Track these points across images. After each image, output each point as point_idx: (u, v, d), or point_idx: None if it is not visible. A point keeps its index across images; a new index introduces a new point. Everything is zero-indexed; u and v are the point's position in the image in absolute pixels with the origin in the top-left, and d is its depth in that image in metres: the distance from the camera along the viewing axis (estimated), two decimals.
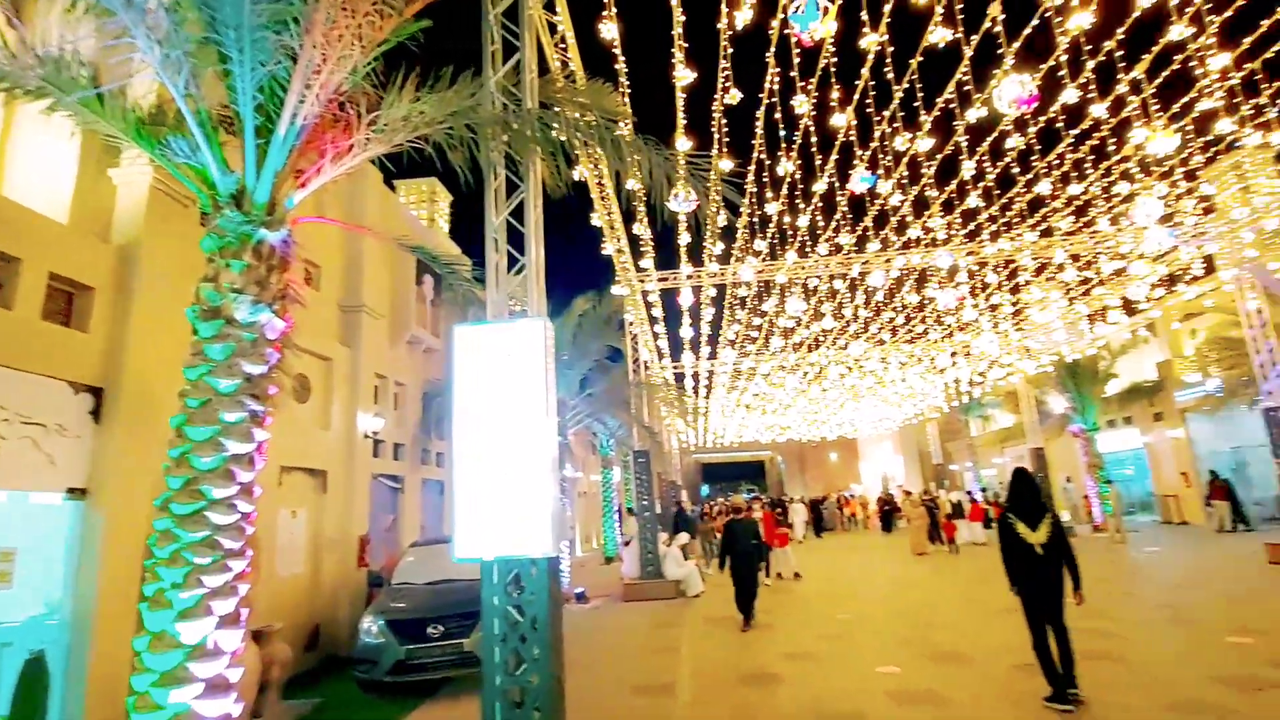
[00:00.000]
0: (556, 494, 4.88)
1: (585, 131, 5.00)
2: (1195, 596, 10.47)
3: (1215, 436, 22.23)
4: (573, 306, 14.89)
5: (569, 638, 9.54)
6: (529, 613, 4.79)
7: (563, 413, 14.74)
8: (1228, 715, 5.26)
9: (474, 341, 4.96)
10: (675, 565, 14.38)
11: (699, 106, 7.80)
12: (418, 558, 9.45)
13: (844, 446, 54.34)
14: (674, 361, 22.46)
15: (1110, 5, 7.02)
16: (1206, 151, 10.81)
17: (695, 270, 14.48)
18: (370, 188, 12.62)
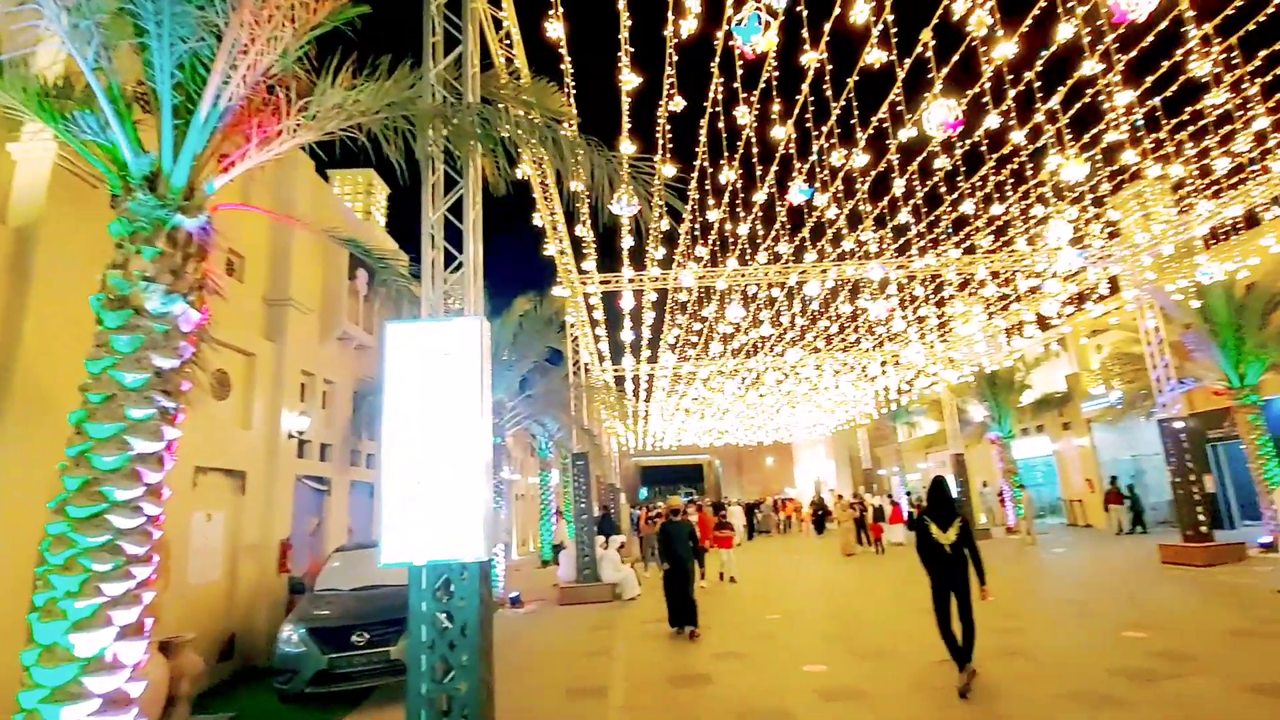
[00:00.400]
0: (490, 497, 4.80)
1: (528, 129, 4.96)
2: (1096, 594, 11.23)
3: (1117, 445, 23.94)
4: (513, 306, 14.71)
5: (502, 642, 9.39)
6: (459, 618, 4.69)
7: (501, 414, 14.52)
8: (1123, 704, 5.66)
9: (407, 339, 4.82)
10: (612, 569, 14.38)
11: (644, 112, 7.96)
12: (343, 563, 9.10)
13: (779, 451, 55.70)
14: (615, 364, 22.48)
15: (1030, 40, 7.50)
16: (1113, 180, 11.67)
17: (637, 274, 14.53)
18: (301, 177, 12.10)
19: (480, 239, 5.33)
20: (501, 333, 14.48)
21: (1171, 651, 7.11)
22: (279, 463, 10.86)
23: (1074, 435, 25.79)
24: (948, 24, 7.11)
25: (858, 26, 6.52)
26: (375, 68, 4.94)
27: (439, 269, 5.25)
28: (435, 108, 4.85)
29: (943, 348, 23.13)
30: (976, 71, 7.79)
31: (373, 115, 4.76)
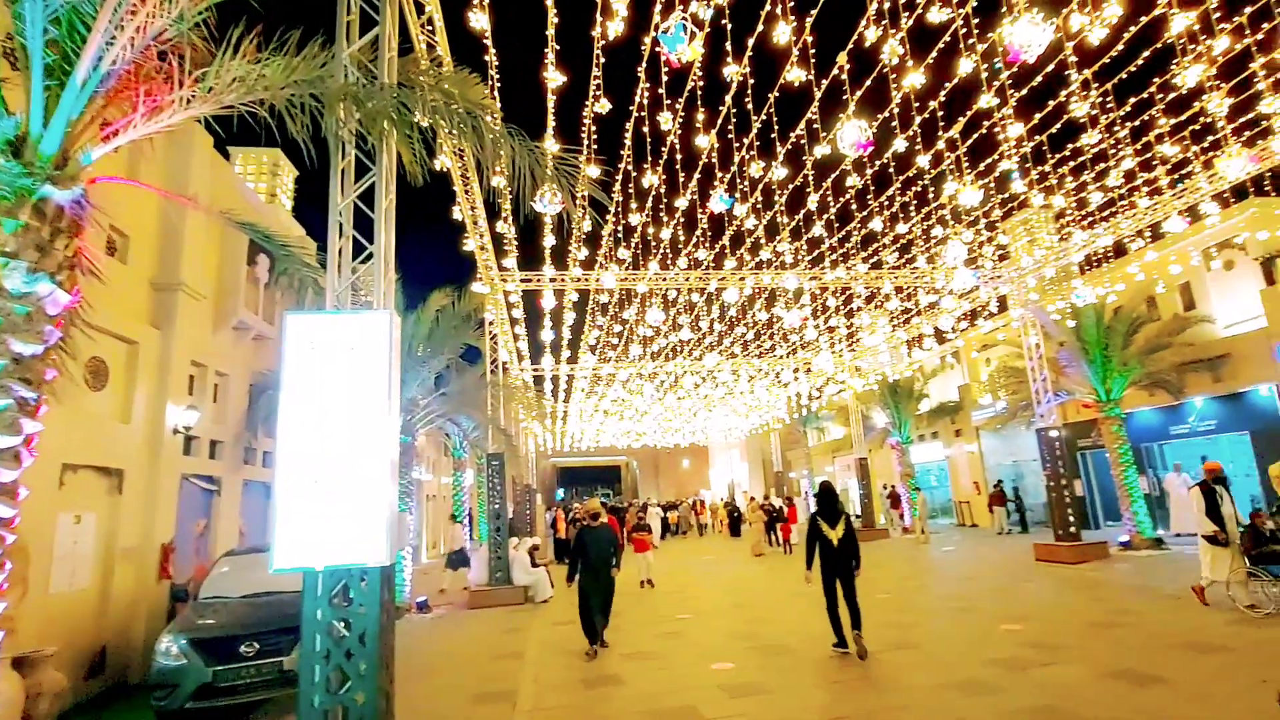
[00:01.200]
0: (395, 498, 4.62)
1: (448, 118, 4.81)
2: (978, 590, 12.09)
3: (1001, 451, 25.95)
4: (429, 301, 14.25)
5: (408, 649, 9.08)
6: (357, 626, 4.48)
7: (413, 412, 14.02)
8: (998, 691, 6.12)
9: (309, 331, 4.55)
10: (524, 571, 14.17)
11: (569, 111, 7.92)
12: (233, 568, 8.50)
13: (696, 453, 56.76)
14: (534, 364, 22.20)
15: (935, 71, 8.02)
16: (1003, 207, 12.67)
17: (559, 273, 14.42)
18: (198, 152, 11.26)
19: (393, 229, 5.12)
20: (416, 328, 14.00)
21: (1042, 642, 7.76)
22: (162, 460, 10.04)
23: (964, 441, 27.73)
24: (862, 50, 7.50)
25: (779, 45, 6.76)
26: (284, 42, 4.67)
27: (347, 258, 5.00)
28: (347, 88, 4.62)
29: (850, 357, 24.31)
30: (886, 97, 8.26)
31: (278, 91, 4.49)
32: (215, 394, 11.95)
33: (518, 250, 13.28)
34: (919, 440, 29.13)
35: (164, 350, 10.33)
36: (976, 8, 7.38)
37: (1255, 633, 7.53)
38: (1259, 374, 16.87)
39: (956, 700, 5.94)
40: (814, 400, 29.93)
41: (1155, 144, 10.73)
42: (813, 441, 40.65)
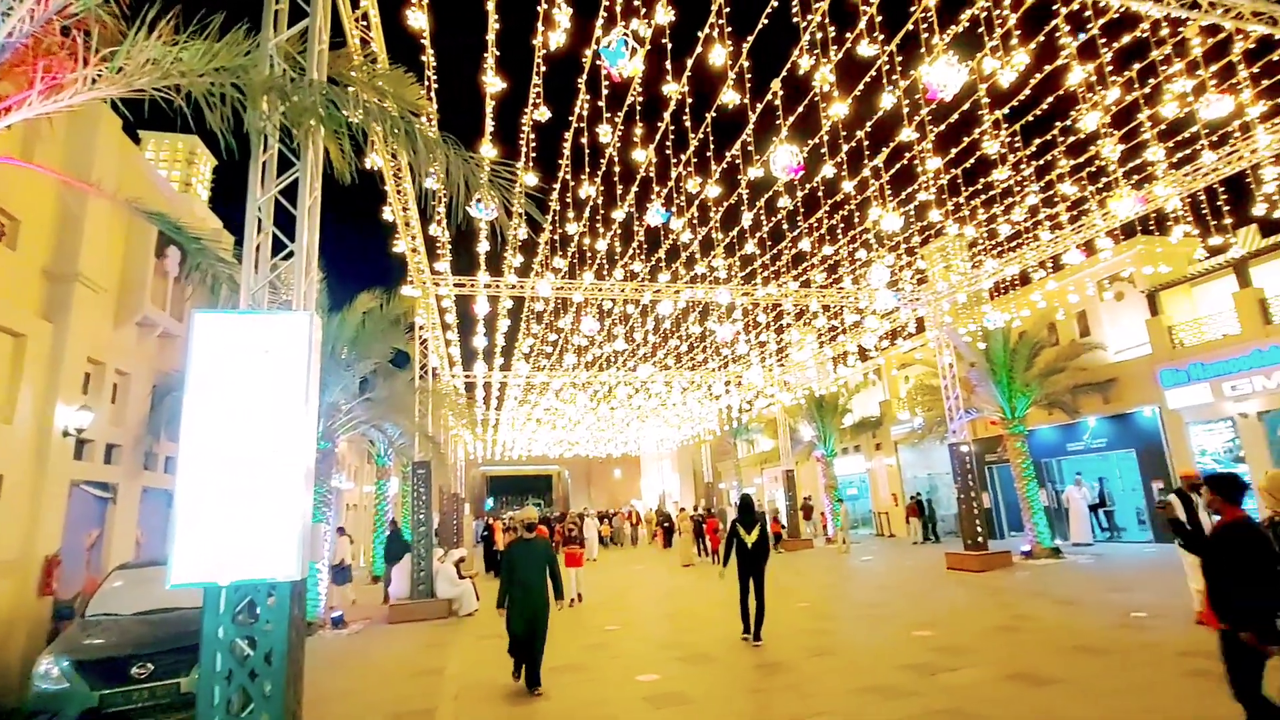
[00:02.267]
0: (309, 508, 4.41)
1: (381, 119, 4.69)
2: (893, 597, 12.62)
3: (917, 464, 27.25)
4: (356, 302, 13.74)
5: (321, 667, 8.66)
6: (263, 644, 4.24)
7: (334, 417, 13.45)
8: (909, 695, 6.40)
9: (220, 331, 4.30)
10: (448, 584, 13.77)
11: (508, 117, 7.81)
12: (127, 582, 7.87)
13: (628, 463, 56.86)
14: (466, 370, 21.72)
15: (858, 103, 8.45)
16: (922, 234, 13.41)
17: (493, 279, 14.22)
18: (104, 135, 10.51)
19: (316, 227, 4.92)
20: (341, 330, 13.46)
21: (950, 647, 8.16)
22: (49, 465, 9.24)
23: (884, 455, 28.97)
24: (795, 78, 7.81)
25: (716, 68, 6.96)
26: (205, 26, 4.44)
27: (265, 256, 4.76)
28: (272, 80, 4.43)
29: (780, 371, 25.02)
30: (817, 124, 8.63)
31: (196, 78, 4.26)
32: (114, 394, 11.11)
33: (451, 254, 13.04)
34: (842, 453, 30.22)
35: (56, 345, 9.53)
36: (899, 46, 7.84)
37: (1138, 635, 8.18)
38: (1144, 397, 18.46)
39: (871, 704, 6.18)
40: (744, 413, 30.59)
41: (1056, 182, 11.64)
42: (742, 453, 41.48)
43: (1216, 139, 11.10)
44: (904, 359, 26.81)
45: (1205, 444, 17.41)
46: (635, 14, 6.40)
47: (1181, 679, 6.32)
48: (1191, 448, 17.55)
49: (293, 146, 4.89)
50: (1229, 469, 16.78)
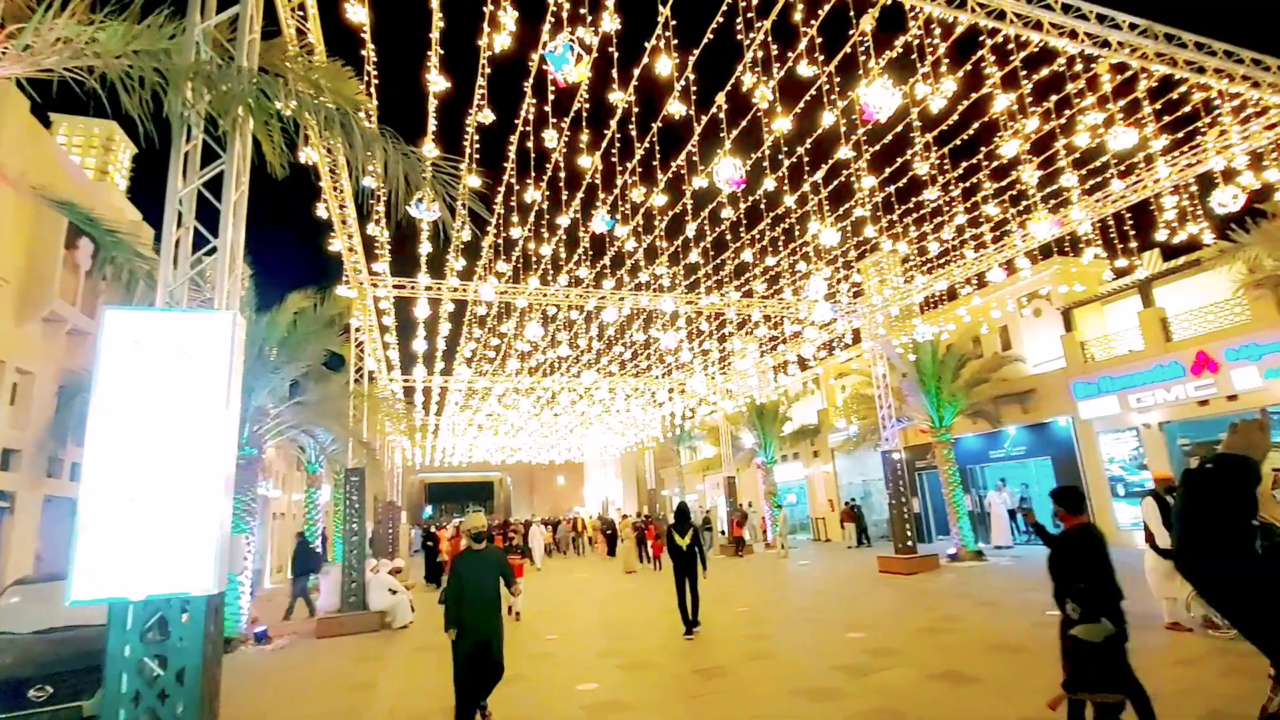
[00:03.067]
0: (228, 518, 4.19)
1: (315, 112, 4.53)
2: (828, 600, 12.95)
3: (853, 471, 28.12)
4: (286, 302, 13.17)
5: (241, 685, 8.22)
6: (175, 663, 3.98)
7: (261, 422, 12.83)
8: (841, 696, 6.57)
9: (134, 329, 4.03)
10: (382, 595, 13.31)
11: (451, 119, 7.71)
12: (24, 598, 7.28)
13: (571, 470, 56.48)
14: (405, 375, 21.13)
15: (799, 120, 8.71)
16: (859, 249, 13.90)
17: (434, 282, 13.91)
18: (9, 117, 9.77)
19: (243, 223, 4.70)
20: (270, 331, 12.87)
21: (880, 648, 8.43)
22: None
23: (821, 462, 29.77)
24: (738, 93, 7.98)
25: (662, 79, 7.04)
26: (125, 6, 4.19)
27: (185, 251, 4.50)
28: (198, 65, 4.22)
29: (722, 380, 25.40)
30: (759, 139, 8.85)
31: (113, 60, 4.02)
32: (14, 395, 10.29)
33: (390, 255, 12.69)
34: (782, 460, 30.86)
35: None
36: (838, 68, 8.14)
37: (1051, 634, 8.64)
38: (1059, 407, 19.64)
39: (805, 707, 6.31)
40: (687, 420, 30.87)
41: (981, 204, 12.29)
42: (685, 460, 41.82)
43: (1124, 168, 11.96)
44: (841, 369, 27.67)
45: (1113, 452, 18.65)
46: (581, 21, 6.42)
47: None
48: (1101, 455, 18.76)
49: (219, 136, 4.66)
50: (1134, 475, 18.04)
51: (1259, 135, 11.10)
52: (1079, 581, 4.40)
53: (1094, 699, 4.19)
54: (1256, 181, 11.31)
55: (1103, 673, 4.18)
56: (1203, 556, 1.28)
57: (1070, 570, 4.55)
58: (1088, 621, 4.19)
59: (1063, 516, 4.92)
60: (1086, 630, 4.18)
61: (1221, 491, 1.33)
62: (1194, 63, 9.23)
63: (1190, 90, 9.79)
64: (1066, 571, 4.59)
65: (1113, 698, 4.13)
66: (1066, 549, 4.67)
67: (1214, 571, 1.27)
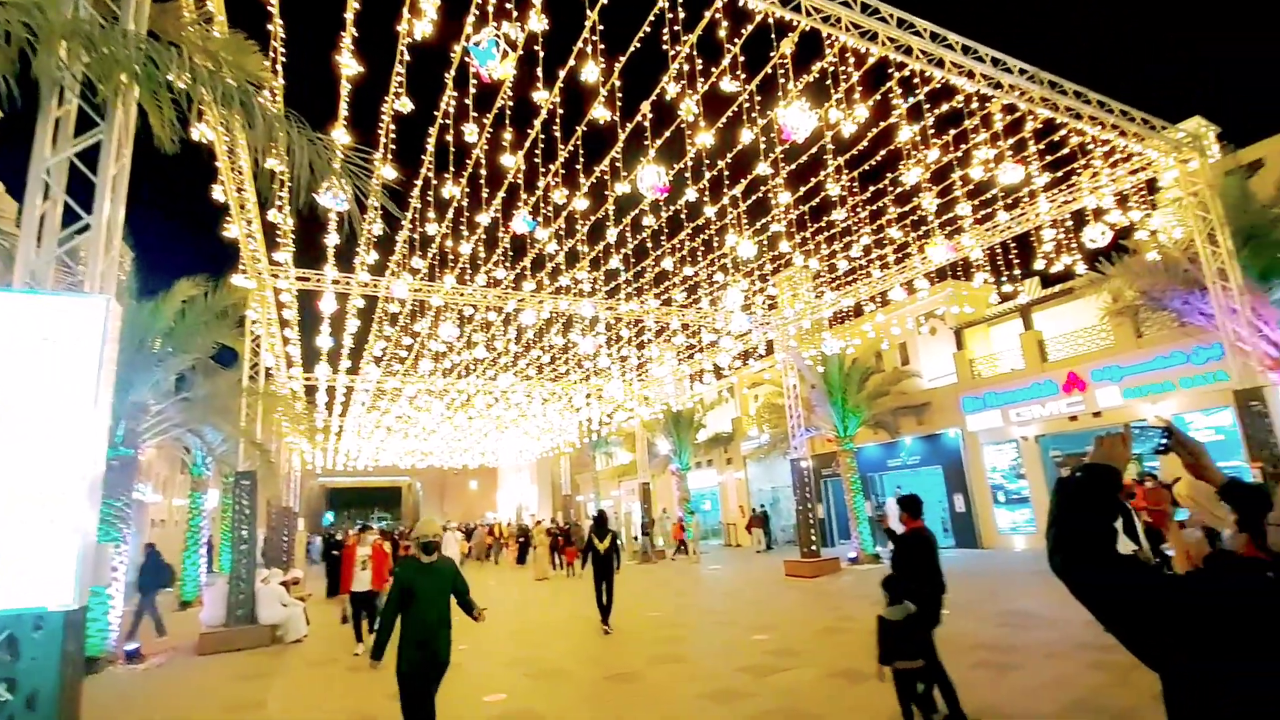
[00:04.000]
0: (93, 525, 3.79)
1: (212, 87, 4.20)
2: (736, 603, 13.26)
3: (763, 478, 29.01)
4: (174, 290, 12.14)
5: (108, 710, 7.48)
6: (25, 686, 3.55)
7: (141, 419, 11.75)
8: (746, 696, 6.73)
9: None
10: (274, 607, 12.44)
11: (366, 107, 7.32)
12: None
13: (484, 475, 55.11)
14: (306, 372, 19.94)
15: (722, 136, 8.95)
16: (774, 263, 14.40)
17: (342, 276, 13.23)
18: None
19: (123, 200, 4.29)
20: (154, 320, 11.81)
21: (784, 649, 8.71)
22: None
23: (734, 469, 30.54)
24: (663, 103, 8.10)
25: (589, 83, 7.03)
26: None
27: (52, 226, 4.05)
28: (76, 24, 3.82)
29: (640, 386, 25.59)
30: (682, 150, 9.00)
31: None
32: None
33: (294, 244, 11.95)
34: (696, 467, 31.43)
35: None
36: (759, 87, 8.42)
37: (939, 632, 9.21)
38: (949, 420, 21.08)
39: (712, 708, 6.42)
40: (604, 426, 30.85)
41: (886, 227, 13.03)
42: (601, 466, 41.79)
43: (1010, 201, 13.02)
44: (754, 379, 28.52)
45: (996, 462, 20.19)
46: (507, 16, 6.31)
47: (971, 670, 7.20)
48: (985, 465, 20.27)
49: (99, 104, 4.24)
50: (1013, 483, 19.59)
51: (1124, 179, 12.39)
52: (912, 574, 5.29)
53: (896, 667, 5.10)
54: (1123, 220, 12.61)
55: (900, 646, 5.05)
56: (1073, 563, 1.38)
57: (905, 565, 5.41)
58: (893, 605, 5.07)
59: (905, 520, 5.75)
60: (890, 611, 5.08)
61: (1089, 499, 1.45)
62: (1073, 109, 10.19)
63: (1069, 134, 10.80)
64: (900, 566, 5.43)
65: (909, 664, 5.05)
66: (904, 547, 5.54)
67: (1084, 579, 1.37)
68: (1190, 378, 15.34)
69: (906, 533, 5.64)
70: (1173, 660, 1.29)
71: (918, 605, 5.06)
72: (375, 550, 10.39)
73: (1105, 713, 5.56)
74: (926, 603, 5.15)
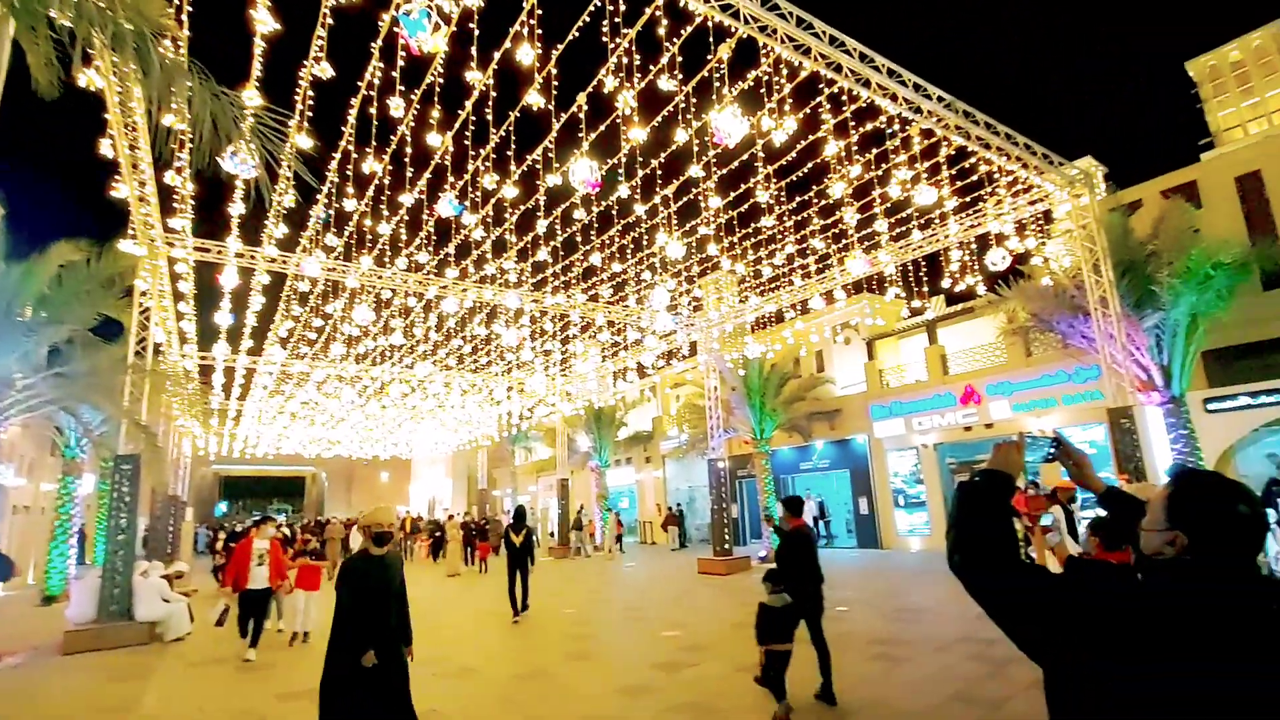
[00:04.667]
0: None
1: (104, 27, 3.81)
2: (649, 600, 13.37)
3: (681, 477, 29.43)
4: (50, 252, 11.00)
5: None
6: None
7: (4, 394, 10.58)
8: (656, 691, 6.78)
9: None
10: (153, 602, 11.47)
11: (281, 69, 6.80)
12: None
13: (397, 467, 53.16)
14: (202, 351, 18.54)
15: (656, 134, 8.99)
16: (701, 265, 14.61)
17: (248, 249, 12.36)
18: None
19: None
20: (25, 284, 10.71)
21: (694, 645, 8.85)
22: None
23: (653, 467, 30.82)
24: (599, 96, 8.04)
25: (523, 67, 6.88)
26: None
27: None
28: None
29: (562, 381, 25.38)
30: (616, 145, 8.97)
31: None
32: None
33: (194, 211, 11.05)
34: (616, 465, 31.51)
35: None
36: (695, 89, 8.51)
37: (839, 626, 9.60)
38: (858, 426, 22.10)
39: (622, 704, 6.43)
40: (525, 420, 30.39)
41: (809, 237, 13.50)
42: (520, 460, 41.16)
43: (923, 221, 13.78)
44: (677, 379, 28.92)
45: (899, 468, 21.34)
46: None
47: (866, 662, 7.58)
48: (889, 470, 21.39)
49: None
50: (913, 488, 20.77)
51: (1024, 208, 13.36)
52: (794, 568, 6.05)
53: (770, 648, 5.75)
54: (1020, 246, 13.59)
55: (775, 630, 5.73)
56: (970, 565, 1.44)
57: (787, 560, 6.13)
58: (774, 594, 5.80)
59: (787, 519, 6.41)
60: (770, 600, 5.80)
61: (985, 504, 1.53)
62: (983, 139, 10.89)
63: (979, 162, 11.53)
64: (782, 560, 6.16)
65: (780, 647, 5.74)
66: (786, 544, 6.26)
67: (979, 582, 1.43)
68: (1071, 395, 16.74)
69: (792, 530, 6.27)
70: (1060, 660, 1.36)
71: (796, 597, 5.83)
72: (273, 545, 9.56)
73: (981, 703, 5.97)
74: (806, 593, 5.99)
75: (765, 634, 5.75)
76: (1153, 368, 12.27)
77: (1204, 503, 1.40)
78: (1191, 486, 1.45)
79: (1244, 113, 68.88)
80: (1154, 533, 1.47)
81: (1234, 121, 70.87)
